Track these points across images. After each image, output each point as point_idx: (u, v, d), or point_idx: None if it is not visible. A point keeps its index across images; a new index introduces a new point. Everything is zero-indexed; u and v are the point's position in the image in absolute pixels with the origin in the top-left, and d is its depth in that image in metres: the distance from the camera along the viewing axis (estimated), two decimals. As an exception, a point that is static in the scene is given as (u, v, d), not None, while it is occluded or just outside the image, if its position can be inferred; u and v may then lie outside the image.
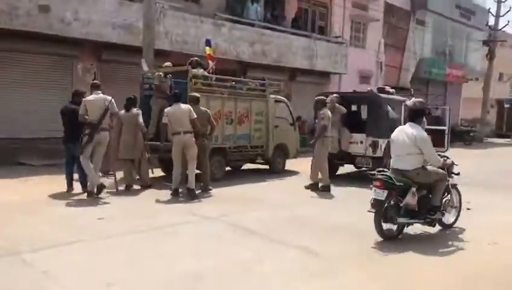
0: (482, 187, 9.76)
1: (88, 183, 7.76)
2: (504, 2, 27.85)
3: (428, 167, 5.76)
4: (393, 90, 11.69)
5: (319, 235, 5.83)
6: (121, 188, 8.43)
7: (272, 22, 17.80)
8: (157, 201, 7.66)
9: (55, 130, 11.77)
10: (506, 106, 36.14)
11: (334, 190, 9.12)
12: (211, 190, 8.61)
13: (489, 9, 29.29)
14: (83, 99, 7.97)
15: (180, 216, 6.63)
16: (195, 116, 8.13)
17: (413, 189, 5.55)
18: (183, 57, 14.47)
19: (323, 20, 21.09)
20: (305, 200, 8.26)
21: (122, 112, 8.61)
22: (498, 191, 9.63)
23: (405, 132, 5.71)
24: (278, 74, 18.16)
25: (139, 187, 8.70)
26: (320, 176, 9.19)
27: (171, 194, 8.03)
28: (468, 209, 7.26)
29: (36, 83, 12.64)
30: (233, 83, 10.98)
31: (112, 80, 13.45)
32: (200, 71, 10.20)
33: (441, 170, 5.88)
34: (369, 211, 5.61)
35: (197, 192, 8.11)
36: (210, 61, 11.55)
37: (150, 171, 9.09)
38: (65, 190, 7.97)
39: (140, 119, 8.53)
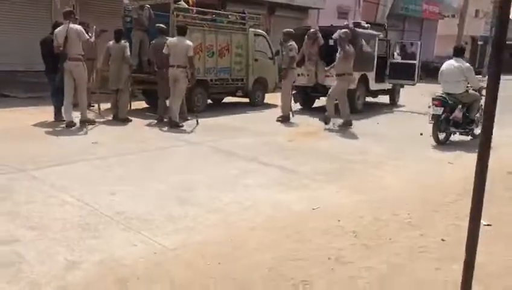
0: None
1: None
2: None
3: (470, 90, 7.63)
4: (368, 25, 12.06)
5: (295, 158, 6.48)
6: (109, 118, 8.86)
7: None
8: (144, 128, 8.17)
9: (35, 63, 12.05)
10: (480, 42, 36.82)
11: (309, 120, 9.73)
12: (189, 119, 9.01)
13: None
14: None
15: (166, 141, 7.18)
16: (192, 54, 8.40)
17: (460, 106, 7.50)
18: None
19: (303, -47, 20.83)
20: (280, 129, 8.85)
21: (111, 42, 8.83)
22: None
23: (453, 65, 7.52)
24: (257, 8, 18.14)
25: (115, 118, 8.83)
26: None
27: (157, 122, 8.51)
28: (421, 134, 8.15)
29: (15, 18, 12.59)
30: (214, 16, 11.19)
31: (91, 12, 13.46)
32: (181, 3, 10.37)
33: (477, 93, 7.70)
34: (429, 123, 7.55)
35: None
36: None
37: (135, 104, 9.45)
38: (53, 119, 8.32)
39: (128, 52, 8.74)
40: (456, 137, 8.05)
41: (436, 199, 4.88)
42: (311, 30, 10.55)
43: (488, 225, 4.08)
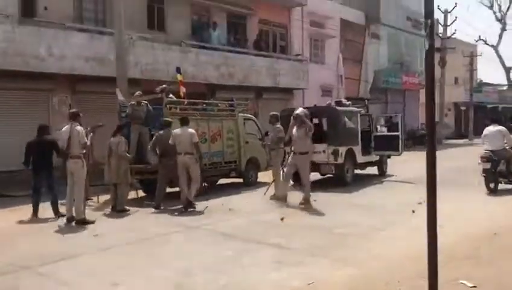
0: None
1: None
2: (450, 12, 29.80)
3: (507, 148, 9.86)
4: (349, 102, 12.81)
5: (288, 235, 6.74)
6: (108, 210, 9.15)
7: (235, 45, 18.87)
8: (143, 217, 8.44)
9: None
10: (462, 108, 38.26)
11: (300, 195, 10.07)
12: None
13: (437, 19, 31.24)
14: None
15: (165, 228, 7.44)
16: (197, 140, 9.14)
17: (502, 161, 9.77)
18: (154, 83, 15.39)
19: (284, 40, 22.33)
20: (272, 207, 9.15)
21: (112, 138, 9.36)
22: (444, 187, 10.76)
23: (493, 129, 10.05)
24: (244, 93, 19.20)
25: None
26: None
27: (154, 210, 8.83)
28: (419, 203, 8.37)
29: (14, 118, 13.21)
30: (204, 105, 11.88)
31: (86, 109, 14.10)
32: (172, 97, 11.08)
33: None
34: (482, 176, 9.86)
35: (179, 207, 8.90)
36: (182, 87, 12.43)
37: (132, 194, 9.84)
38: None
39: (122, 147, 9.18)
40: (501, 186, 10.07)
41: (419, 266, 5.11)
42: (296, 111, 11.16)
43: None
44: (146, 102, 10.84)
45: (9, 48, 12.13)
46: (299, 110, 9.51)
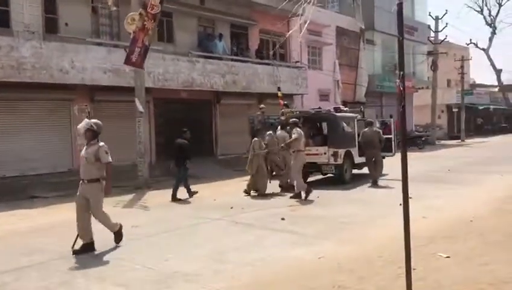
0: (422, 182, 12.17)
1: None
2: (441, 19, 31.19)
3: None
4: (346, 108, 14.08)
5: (299, 223, 8.00)
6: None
7: (238, 54, 20.14)
8: (171, 210, 9.67)
9: (58, 166, 13.92)
10: (455, 110, 39.65)
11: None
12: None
13: (429, 25, 32.67)
14: None
15: (193, 220, 8.64)
16: None
17: None
18: (165, 92, 16.71)
19: (283, 48, 23.60)
20: (283, 202, 10.40)
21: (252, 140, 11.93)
22: (433, 183, 12.07)
23: None
24: (248, 99, 20.56)
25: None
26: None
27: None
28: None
29: (40, 126, 14.41)
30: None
31: (104, 117, 15.35)
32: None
33: None
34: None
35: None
36: (281, 101, 15.45)
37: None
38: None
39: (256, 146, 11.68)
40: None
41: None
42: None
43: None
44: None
45: (37, 63, 13.32)
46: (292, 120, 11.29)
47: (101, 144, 6.80)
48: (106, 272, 5.59)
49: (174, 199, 11.02)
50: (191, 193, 11.27)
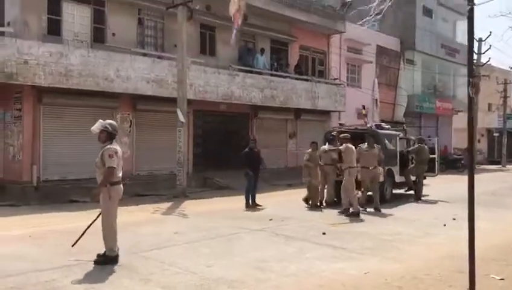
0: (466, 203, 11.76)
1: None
2: (484, 41, 30.51)
3: None
4: (388, 126, 13.84)
5: (341, 238, 7.83)
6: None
7: (278, 69, 20.22)
8: (216, 221, 9.67)
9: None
10: (495, 134, 38.51)
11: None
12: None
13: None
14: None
15: (233, 229, 8.60)
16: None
17: None
18: (204, 103, 16.90)
19: (322, 64, 23.59)
20: (322, 216, 10.24)
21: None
22: (478, 206, 11.62)
23: None
24: (285, 114, 20.58)
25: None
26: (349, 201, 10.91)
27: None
28: (453, 219, 9.38)
29: (82, 132, 14.69)
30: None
31: (145, 126, 15.78)
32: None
33: None
34: None
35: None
36: (365, 119, 15.25)
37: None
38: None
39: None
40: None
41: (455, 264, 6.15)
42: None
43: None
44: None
45: (84, 70, 13.71)
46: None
47: (108, 146, 6.14)
48: (150, 275, 5.59)
49: (251, 204, 11.63)
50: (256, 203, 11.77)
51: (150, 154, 15.71)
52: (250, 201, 11.72)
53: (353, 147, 10.90)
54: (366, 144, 11.25)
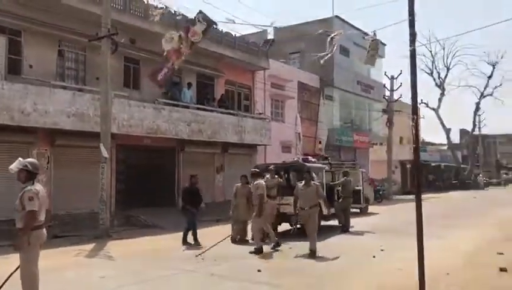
0: (389, 233, 12.27)
1: None
2: (396, 79, 32.74)
3: None
4: (314, 159, 14.20)
5: (275, 275, 7.74)
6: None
7: (204, 103, 20.18)
8: (140, 263, 9.16)
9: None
10: (409, 166, 40.98)
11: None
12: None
13: (384, 84, 34.20)
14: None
15: (165, 270, 8.20)
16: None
17: None
18: (129, 138, 16.35)
19: (248, 99, 23.95)
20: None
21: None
22: (398, 236, 12.16)
23: None
24: (212, 148, 20.45)
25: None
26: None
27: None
28: (381, 250, 9.64)
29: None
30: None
31: (64, 163, 14.87)
32: None
33: None
34: None
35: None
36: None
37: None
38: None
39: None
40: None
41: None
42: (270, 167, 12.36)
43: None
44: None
45: (-4, 105, 12.75)
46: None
47: (28, 187, 5.60)
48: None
49: (194, 242, 11.19)
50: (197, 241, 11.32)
51: (69, 192, 14.76)
52: (188, 239, 11.37)
53: (262, 182, 10.81)
54: (303, 182, 10.46)
